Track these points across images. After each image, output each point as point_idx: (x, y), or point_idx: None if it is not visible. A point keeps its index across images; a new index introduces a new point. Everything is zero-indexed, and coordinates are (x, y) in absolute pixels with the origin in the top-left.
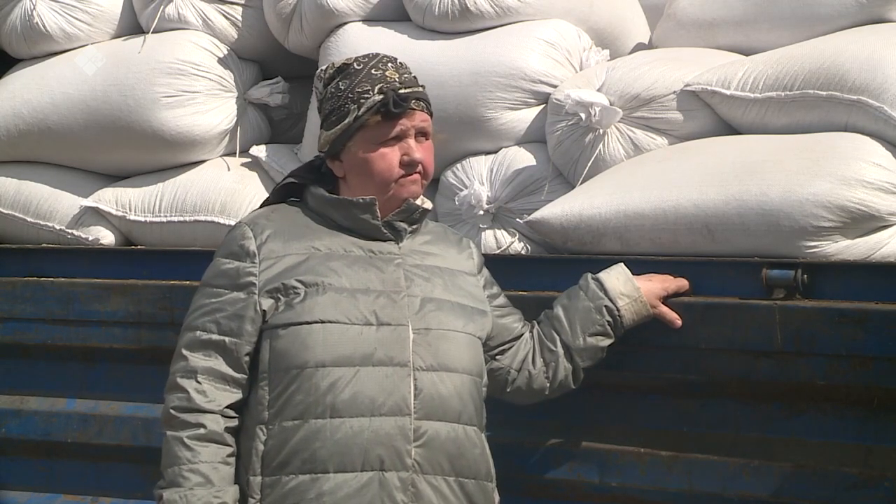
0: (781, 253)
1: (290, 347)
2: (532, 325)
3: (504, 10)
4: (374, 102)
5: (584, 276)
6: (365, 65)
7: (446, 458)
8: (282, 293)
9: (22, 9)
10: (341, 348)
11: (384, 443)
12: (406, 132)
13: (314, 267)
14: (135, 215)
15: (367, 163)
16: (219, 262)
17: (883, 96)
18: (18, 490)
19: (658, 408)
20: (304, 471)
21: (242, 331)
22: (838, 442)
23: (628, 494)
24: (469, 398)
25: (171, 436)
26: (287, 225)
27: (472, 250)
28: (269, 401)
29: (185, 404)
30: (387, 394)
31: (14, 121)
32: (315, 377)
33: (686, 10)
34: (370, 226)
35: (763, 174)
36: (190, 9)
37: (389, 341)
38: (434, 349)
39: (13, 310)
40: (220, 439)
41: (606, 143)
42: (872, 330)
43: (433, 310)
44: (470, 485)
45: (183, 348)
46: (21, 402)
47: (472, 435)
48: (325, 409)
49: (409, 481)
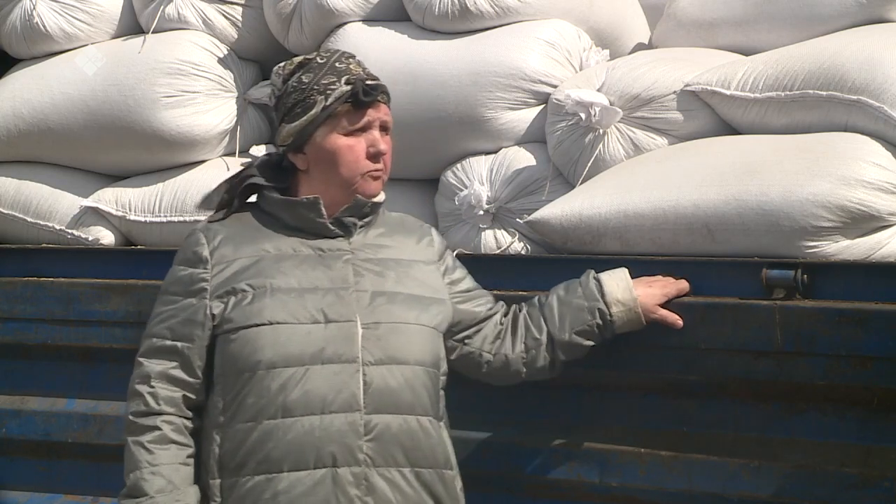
0: (781, 253)
1: (240, 351)
2: (519, 307)
3: (504, 10)
4: (343, 92)
5: (586, 273)
6: (328, 59)
7: (400, 449)
8: (231, 296)
9: (22, 9)
10: (290, 348)
11: (336, 439)
12: (372, 123)
13: (263, 269)
14: (135, 215)
15: (334, 154)
16: (175, 269)
17: (883, 96)
18: (18, 490)
19: (658, 408)
20: (260, 471)
21: (194, 335)
22: (838, 442)
23: (628, 494)
24: (422, 389)
25: (132, 441)
26: (239, 229)
27: (433, 237)
28: (224, 404)
29: (142, 409)
30: (336, 391)
31: (14, 121)
32: (266, 379)
33: (686, 10)
34: (317, 224)
35: (763, 174)
36: (190, 9)
37: (338, 338)
38: (384, 343)
39: (13, 310)
40: (179, 441)
41: (606, 143)
42: (872, 330)
43: (383, 303)
44: (426, 474)
45: (140, 356)
46: (21, 402)
47: (426, 425)
48: (277, 410)
49: (362, 475)
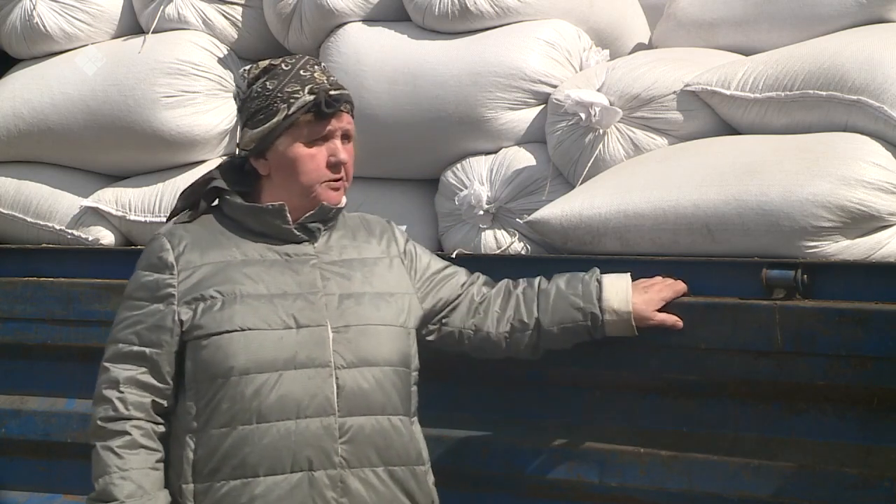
0: (781, 253)
1: (213, 357)
2: (515, 283)
3: (504, 11)
4: (306, 102)
5: (591, 272)
6: (293, 66)
7: (373, 450)
8: (200, 303)
9: (22, 9)
10: (263, 354)
11: (311, 443)
12: (334, 133)
13: (231, 275)
14: (135, 215)
15: (294, 162)
16: (139, 274)
17: (883, 96)
18: (18, 490)
19: (658, 408)
20: (236, 476)
21: (162, 341)
22: (838, 442)
23: (628, 494)
24: (392, 389)
25: (101, 446)
26: (204, 234)
27: (394, 232)
28: (197, 410)
29: (111, 414)
30: (311, 395)
31: (14, 121)
32: (240, 385)
33: (686, 10)
34: (282, 230)
35: (763, 174)
36: (190, 9)
37: (310, 343)
38: (354, 345)
39: (13, 310)
40: (148, 446)
41: (606, 143)
42: (872, 330)
43: (351, 305)
44: (399, 471)
45: (106, 361)
46: (21, 402)
47: (397, 424)
48: (252, 415)
49: (338, 478)
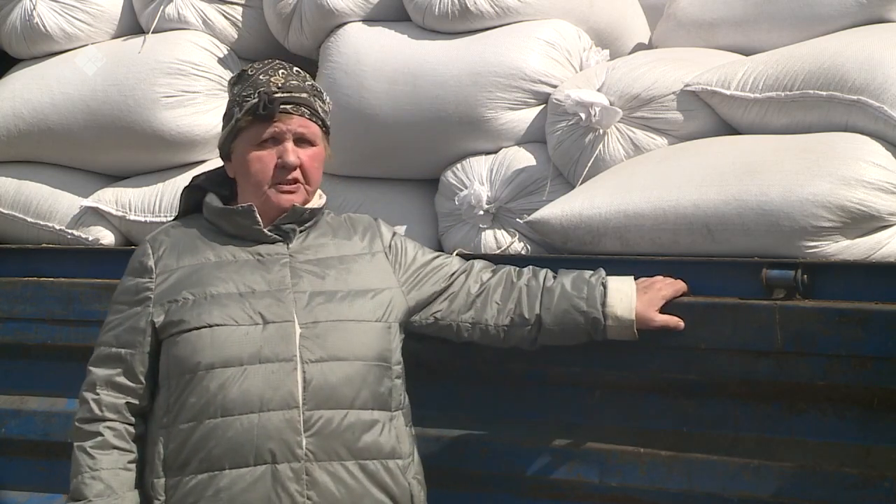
0: (781, 253)
1: (182, 353)
2: (519, 274)
3: (504, 11)
4: (251, 105)
5: (598, 273)
6: (257, 71)
7: (342, 443)
8: (173, 304)
9: (22, 9)
10: (229, 349)
11: (274, 437)
12: (282, 136)
13: (203, 277)
14: (135, 215)
15: (245, 164)
16: (124, 279)
17: (883, 96)
18: (18, 490)
19: (658, 408)
20: (202, 470)
21: (136, 342)
22: (838, 442)
23: (628, 494)
24: (362, 383)
25: (77, 446)
26: (183, 238)
27: (379, 228)
28: (168, 406)
29: (87, 415)
30: (273, 389)
31: (14, 121)
32: (206, 379)
33: (686, 10)
34: (253, 231)
35: (763, 174)
36: (190, 9)
37: (275, 338)
38: (322, 341)
39: (13, 310)
40: (120, 446)
41: (606, 143)
42: (872, 330)
43: (322, 302)
44: (371, 465)
45: (89, 364)
46: (21, 402)
47: (370, 418)
48: (217, 409)
49: (302, 470)
